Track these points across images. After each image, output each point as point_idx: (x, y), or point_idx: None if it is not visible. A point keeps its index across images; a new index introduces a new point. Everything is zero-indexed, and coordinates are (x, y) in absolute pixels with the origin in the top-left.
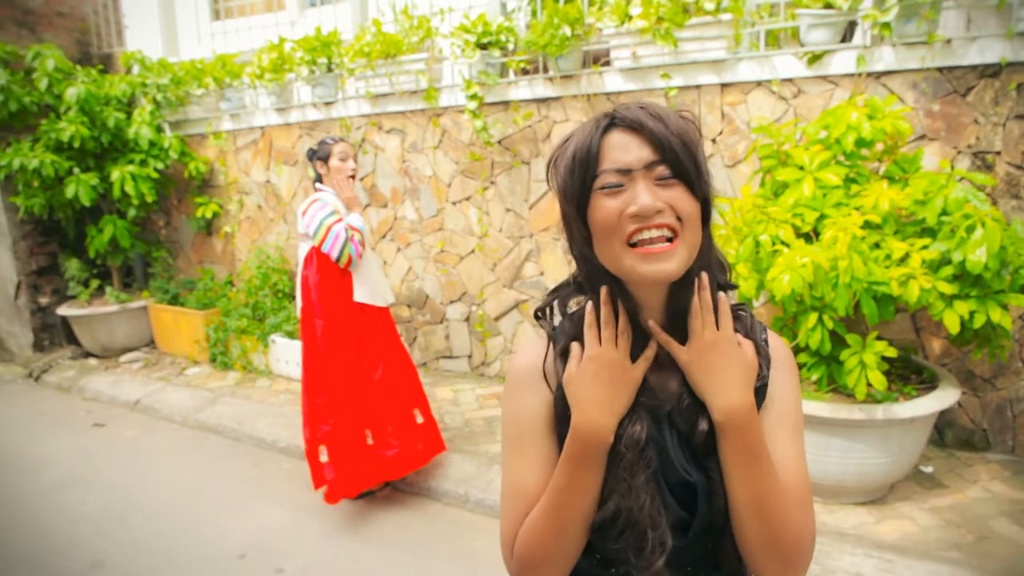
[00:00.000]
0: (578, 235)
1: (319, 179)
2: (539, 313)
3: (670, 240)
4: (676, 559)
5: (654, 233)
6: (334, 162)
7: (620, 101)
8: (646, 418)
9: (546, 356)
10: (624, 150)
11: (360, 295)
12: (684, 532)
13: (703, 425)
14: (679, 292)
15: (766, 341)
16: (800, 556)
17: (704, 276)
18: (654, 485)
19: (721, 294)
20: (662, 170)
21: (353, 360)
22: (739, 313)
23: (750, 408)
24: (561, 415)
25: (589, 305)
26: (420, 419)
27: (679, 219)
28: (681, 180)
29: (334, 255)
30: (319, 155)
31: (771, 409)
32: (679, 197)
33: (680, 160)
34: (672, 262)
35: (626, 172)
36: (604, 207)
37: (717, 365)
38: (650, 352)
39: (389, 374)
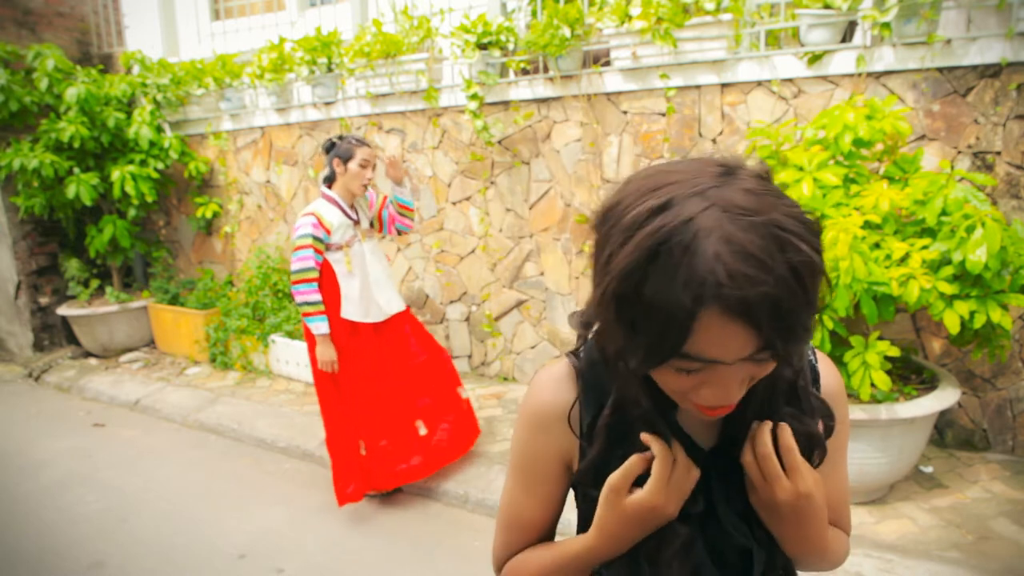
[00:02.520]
0: (624, 363)
1: (330, 179)
2: (577, 352)
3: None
4: None
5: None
6: (353, 166)
7: (620, 100)
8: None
9: (574, 403)
10: (722, 340)
11: (347, 311)
12: None
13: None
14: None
15: (816, 381)
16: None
17: (766, 431)
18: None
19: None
20: (762, 356)
21: (347, 374)
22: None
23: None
24: (584, 458)
25: (652, 443)
26: (423, 431)
27: (751, 378)
28: (777, 360)
29: (293, 274)
30: (340, 153)
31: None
32: (764, 370)
33: (784, 347)
34: (727, 410)
35: (715, 363)
36: (674, 382)
37: (806, 520)
38: (687, 487)
39: (387, 389)
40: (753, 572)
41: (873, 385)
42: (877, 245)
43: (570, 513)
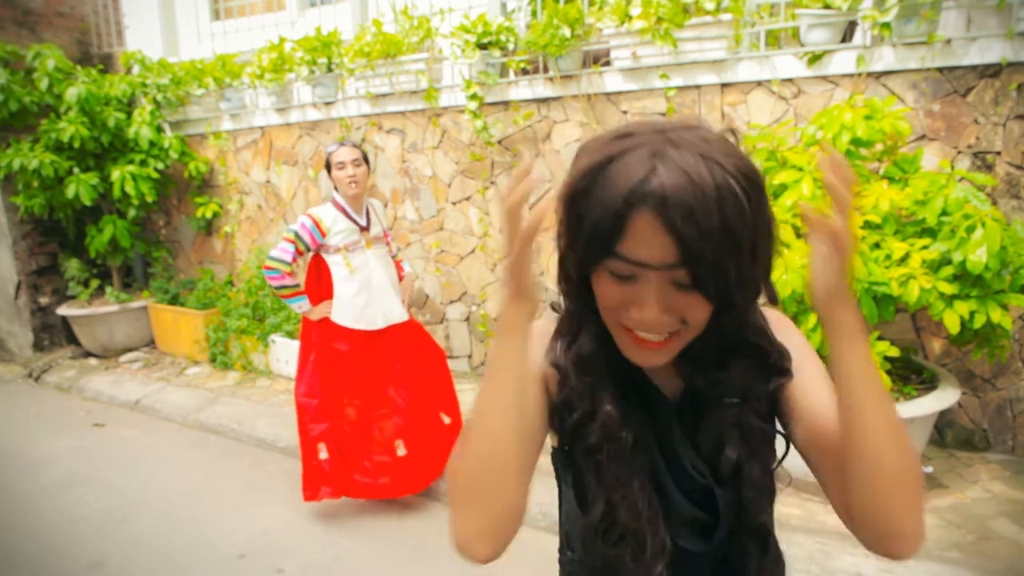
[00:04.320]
0: (567, 274)
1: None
2: (555, 306)
3: (666, 338)
4: (692, 569)
5: (651, 338)
6: (334, 172)
7: (620, 101)
8: (613, 401)
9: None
10: (646, 243)
11: (335, 315)
12: (705, 537)
13: (730, 453)
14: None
15: (763, 318)
16: (922, 488)
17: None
18: (650, 488)
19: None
20: (681, 276)
21: (323, 376)
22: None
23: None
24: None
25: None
26: (402, 451)
27: (684, 321)
28: (700, 291)
29: (268, 260)
30: (326, 167)
31: (802, 373)
32: (692, 306)
33: (706, 274)
34: (662, 357)
35: (644, 266)
36: (607, 290)
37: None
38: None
39: (364, 400)
40: (719, 519)
41: None
42: (877, 245)
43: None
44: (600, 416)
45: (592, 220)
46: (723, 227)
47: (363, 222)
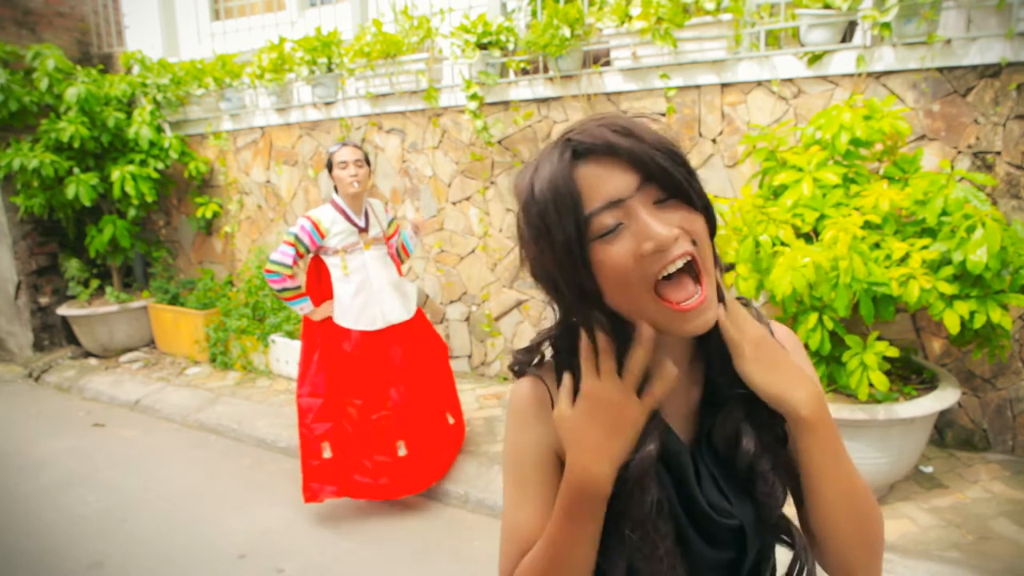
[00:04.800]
0: (576, 288)
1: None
2: (515, 368)
3: (693, 273)
4: None
5: (679, 265)
6: (336, 171)
7: (620, 101)
8: (659, 468)
9: (550, 386)
10: (605, 180)
11: (336, 316)
12: (732, 572)
13: (747, 444)
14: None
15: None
16: (882, 541)
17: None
18: (676, 552)
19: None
20: (655, 191)
21: (326, 375)
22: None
23: (823, 395)
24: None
25: (584, 335)
26: (403, 452)
27: (694, 242)
28: (679, 197)
29: (268, 263)
30: (327, 166)
31: None
32: (685, 217)
33: (671, 174)
34: (709, 312)
35: (618, 203)
36: (612, 256)
37: (777, 357)
38: (660, 387)
39: (367, 399)
40: (747, 547)
41: (871, 385)
42: (877, 245)
43: None
44: (626, 490)
45: (557, 217)
46: (658, 137)
47: (361, 223)
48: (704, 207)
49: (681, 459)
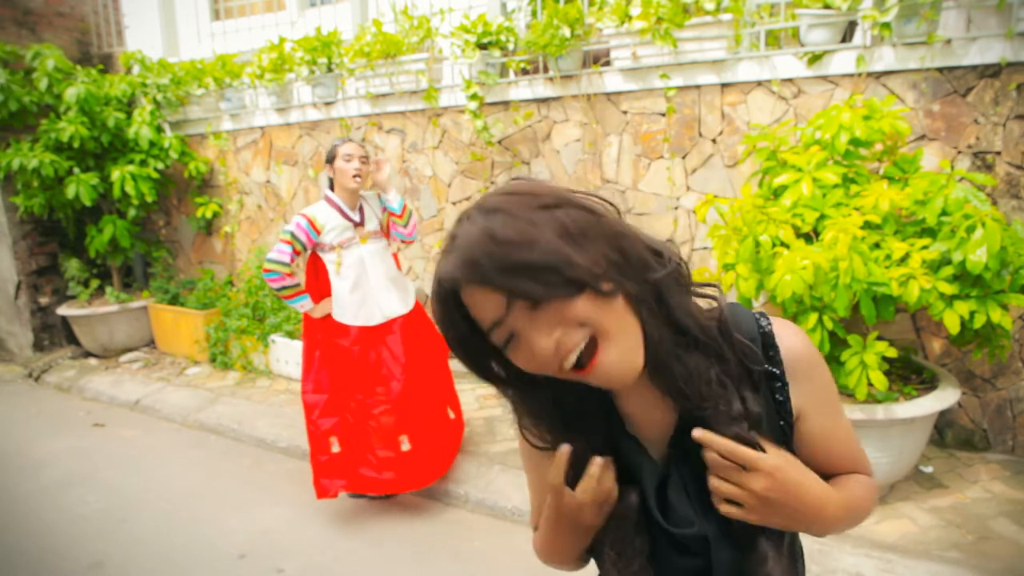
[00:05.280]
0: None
1: (332, 184)
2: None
3: (590, 354)
4: None
5: (575, 356)
6: (339, 163)
7: (620, 100)
8: (635, 511)
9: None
10: (480, 307)
11: (334, 312)
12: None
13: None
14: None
15: (775, 354)
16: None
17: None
18: (647, 564)
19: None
20: (522, 305)
21: (328, 372)
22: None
23: (832, 514)
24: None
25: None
26: (406, 446)
27: (592, 326)
28: (556, 296)
29: (266, 262)
30: (327, 158)
31: (810, 419)
32: (562, 309)
33: (531, 293)
34: (615, 368)
35: (499, 324)
36: (520, 362)
37: (787, 501)
38: (594, 471)
39: (369, 395)
40: (712, 557)
41: (871, 385)
42: (877, 245)
43: None
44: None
45: (447, 330)
46: (504, 253)
47: (356, 218)
48: (586, 280)
49: (645, 475)
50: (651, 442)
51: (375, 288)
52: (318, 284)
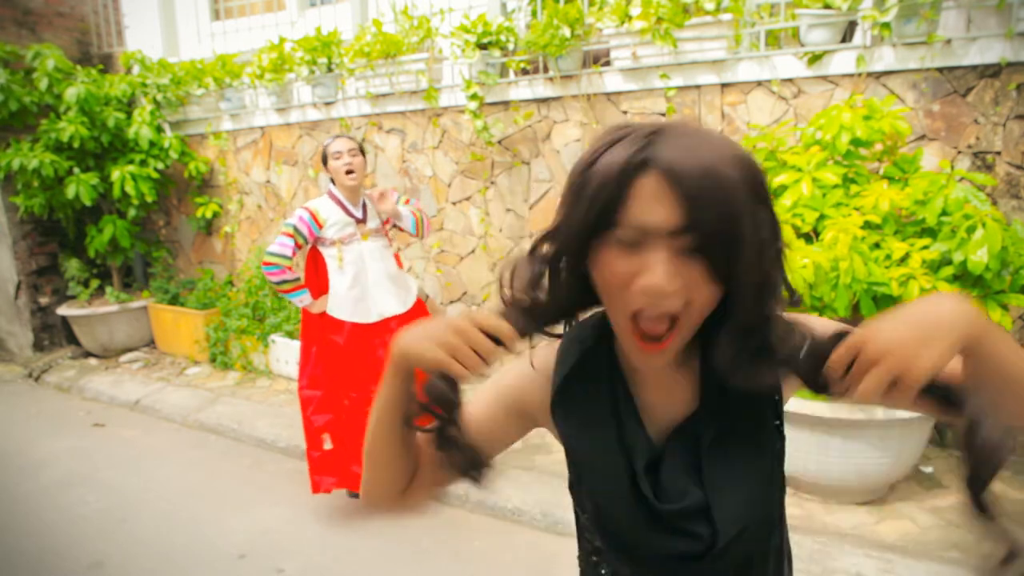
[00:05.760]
0: (568, 265)
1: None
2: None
3: (669, 328)
4: None
5: (654, 314)
6: (331, 163)
7: (620, 101)
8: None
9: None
10: (651, 206)
11: (331, 308)
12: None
13: (710, 431)
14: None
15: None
16: None
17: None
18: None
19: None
20: (687, 242)
21: (324, 368)
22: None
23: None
24: (556, 419)
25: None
26: None
27: (688, 304)
28: (707, 258)
29: (266, 255)
30: (322, 159)
31: None
32: (697, 281)
33: (711, 239)
34: (662, 359)
35: (648, 233)
36: (612, 266)
37: (909, 322)
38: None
39: (365, 392)
40: (716, 537)
41: None
42: (877, 245)
43: (568, 514)
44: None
45: (594, 187)
46: (725, 197)
47: (359, 214)
48: (733, 286)
49: (639, 450)
50: (655, 423)
51: (373, 286)
52: (317, 279)
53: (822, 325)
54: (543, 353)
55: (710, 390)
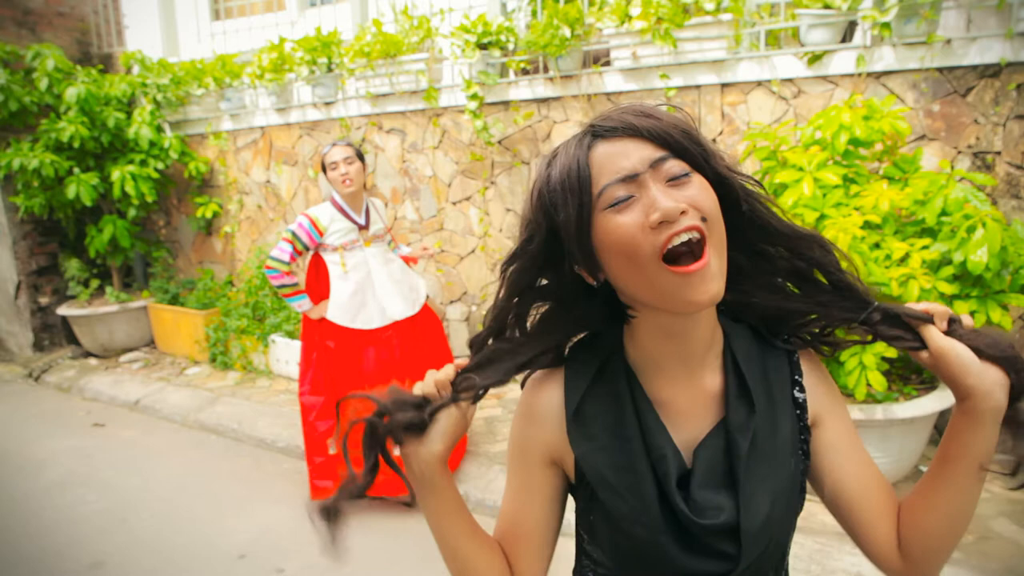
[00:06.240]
0: (572, 272)
1: None
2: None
3: (699, 246)
4: None
5: (684, 238)
6: (329, 173)
7: (620, 100)
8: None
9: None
10: (622, 156)
11: (331, 314)
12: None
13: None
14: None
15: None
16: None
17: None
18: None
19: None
20: (671, 166)
21: (325, 374)
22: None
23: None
24: (574, 446)
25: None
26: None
27: (704, 219)
28: (695, 172)
29: (268, 259)
30: (321, 169)
31: (827, 426)
32: (697, 193)
33: (688, 149)
34: (713, 283)
35: (632, 178)
36: (618, 225)
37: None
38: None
39: (367, 405)
40: (741, 552)
41: (869, 385)
42: (877, 245)
43: (569, 515)
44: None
45: (562, 184)
46: (674, 118)
47: (362, 220)
48: (720, 183)
49: (669, 463)
50: (679, 436)
51: (379, 290)
52: (318, 285)
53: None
54: (538, 394)
55: (735, 401)
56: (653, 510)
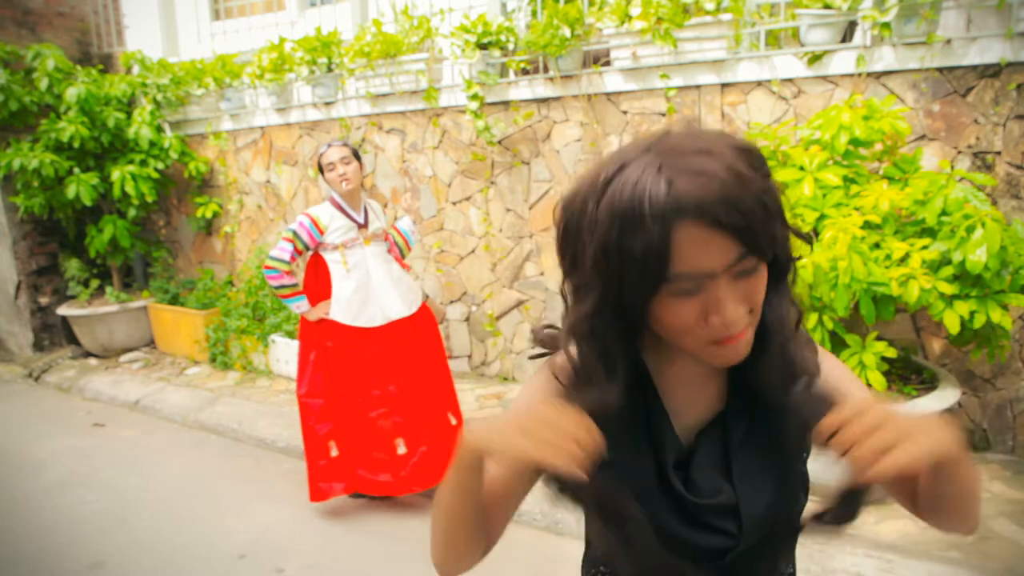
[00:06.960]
0: (618, 318)
1: None
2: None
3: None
4: None
5: (744, 326)
6: (326, 174)
7: (620, 101)
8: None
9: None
10: (701, 250)
11: (333, 313)
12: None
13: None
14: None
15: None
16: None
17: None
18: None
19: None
20: (745, 264)
21: (326, 374)
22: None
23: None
24: None
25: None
26: (402, 450)
27: (751, 310)
28: (762, 261)
29: (268, 259)
30: (319, 170)
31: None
32: (758, 287)
33: (762, 245)
34: (745, 348)
35: (707, 276)
36: (678, 313)
37: (903, 424)
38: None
39: (368, 397)
40: (742, 533)
41: (869, 385)
42: (877, 245)
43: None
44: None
45: (636, 267)
46: (757, 203)
47: (360, 219)
48: (776, 256)
49: (667, 448)
50: (682, 422)
51: (378, 289)
52: (317, 286)
53: (829, 367)
54: (548, 384)
55: (737, 389)
56: (653, 489)
